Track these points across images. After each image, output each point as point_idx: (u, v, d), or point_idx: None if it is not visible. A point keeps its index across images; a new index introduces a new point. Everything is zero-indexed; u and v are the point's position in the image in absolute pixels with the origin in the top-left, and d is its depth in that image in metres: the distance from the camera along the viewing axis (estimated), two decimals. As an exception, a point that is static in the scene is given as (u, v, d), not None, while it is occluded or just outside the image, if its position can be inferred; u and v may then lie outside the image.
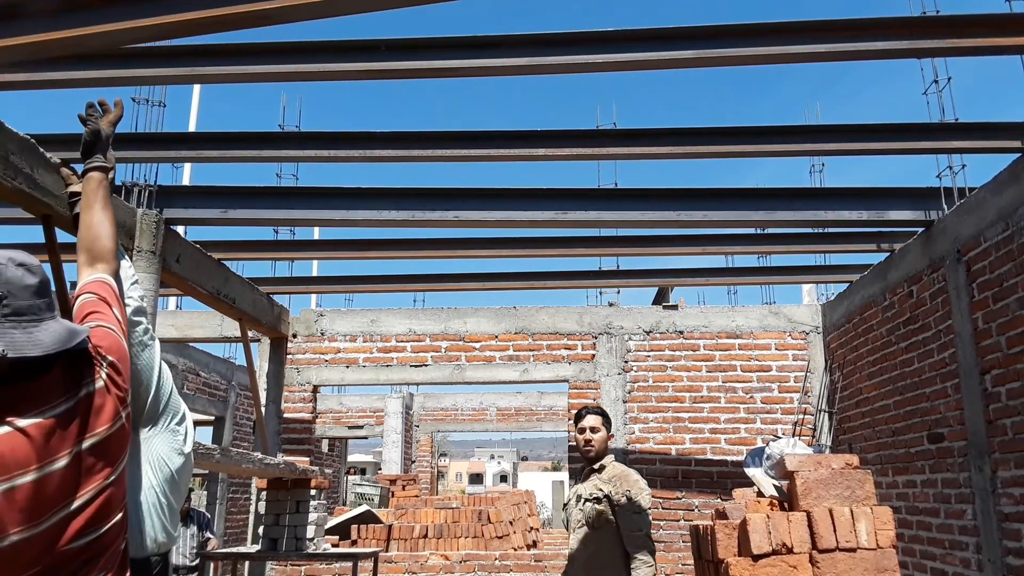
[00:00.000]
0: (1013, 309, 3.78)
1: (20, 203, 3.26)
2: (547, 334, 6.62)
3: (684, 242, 5.24)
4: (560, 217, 4.50)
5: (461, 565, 6.87)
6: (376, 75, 3.26)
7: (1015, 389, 3.76)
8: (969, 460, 4.16)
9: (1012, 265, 3.80)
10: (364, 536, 7.43)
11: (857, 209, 4.51)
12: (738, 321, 6.53)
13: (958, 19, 3.06)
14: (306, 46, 3.18)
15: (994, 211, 3.95)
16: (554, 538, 10.92)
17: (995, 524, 3.91)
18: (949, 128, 4.00)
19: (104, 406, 1.47)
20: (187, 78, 3.32)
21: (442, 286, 6.35)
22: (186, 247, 4.62)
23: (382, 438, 14.75)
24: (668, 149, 3.86)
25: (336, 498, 15.41)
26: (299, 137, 4.08)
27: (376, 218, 4.51)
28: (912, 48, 3.11)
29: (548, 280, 6.17)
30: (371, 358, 6.64)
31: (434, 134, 3.88)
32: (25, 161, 3.13)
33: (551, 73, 3.23)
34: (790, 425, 6.30)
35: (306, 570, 6.67)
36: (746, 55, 3.11)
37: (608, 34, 3.13)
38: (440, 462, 21.17)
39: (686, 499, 6.24)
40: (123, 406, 1.53)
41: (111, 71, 3.24)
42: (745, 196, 4.57)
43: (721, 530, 3.41)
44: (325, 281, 6.75)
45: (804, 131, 3.90)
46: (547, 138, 3.82)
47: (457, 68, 3.17)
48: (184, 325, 6.92)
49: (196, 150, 3.98)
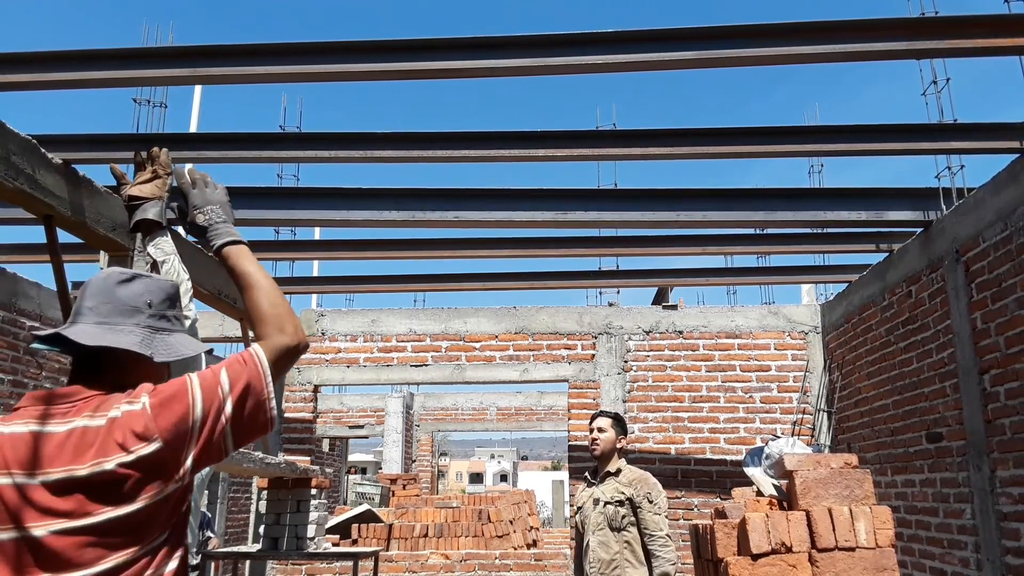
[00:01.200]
0: (1012, 309, 3.79)
1: (22, 203, 3.26)
2: (547, 334, 6.62)
3: (684, 242, 5.24)
4: (560, 217, 4.51)
5: (461, 564, 6.89)
6: (378, 76, 3.27)
7: (1014, 389, 3.77)
8: (968, 460, 4.17)
9: (1011, 265, 3.81)
10: (365, 535, 7.44)
11: (856, 209, 4.52)
12: (737, 321, 6.54)
13: (957, 20, 3.06)
14: (308, 47, 3.19)
15: (993, 211, 3.96)
16: (554, 537, 10.93)
17: (994, 523, 3.92)
18: (948, 129, 4.00)
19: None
20: (188, 79, 3.33)
21: (442, 286, 6.35)
22: (186, 247, 4.62)
23: (382, 438, 14.76)
24: (668, 150, 3.86)
25: (337, 497, 15.41)
26: (300, 138, 4.09)
27: (376, 218, 4.52)
28: (911, 49, 3.11)
29: (548, 280, 6.18)
30: (372, 358, 6.65)
31: (434, 134, 3.88)
32: (26, 161, 3.14)
33: (553, 74, 3.24)
34: (789, 425, 6.31)
35: (307, 569, 6.68)
36: (746, 56, 3.12)
37: (609, 35, 3.14)
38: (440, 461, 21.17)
39: (685, 498, 6.25)
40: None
41: (112, 72, 3.25)
42: (744, 196, 4.58)
43: (720, 529, 3.42)
44: (326, 281, 6.76)
45: (803, 132, 3.91)
46: (547, 138, 3.83)
47: (459, 69, 3.18)
48: (185, 325, 6.92)
49: (197, 151, 3.99)
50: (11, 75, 3.24)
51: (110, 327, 1.45)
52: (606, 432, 3.80)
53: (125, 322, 1.47)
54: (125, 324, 1.47)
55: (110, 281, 1.51)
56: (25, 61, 3.25)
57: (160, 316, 1.53)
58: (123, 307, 1.48)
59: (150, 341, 1.48)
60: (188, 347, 1.54)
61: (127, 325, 1.47)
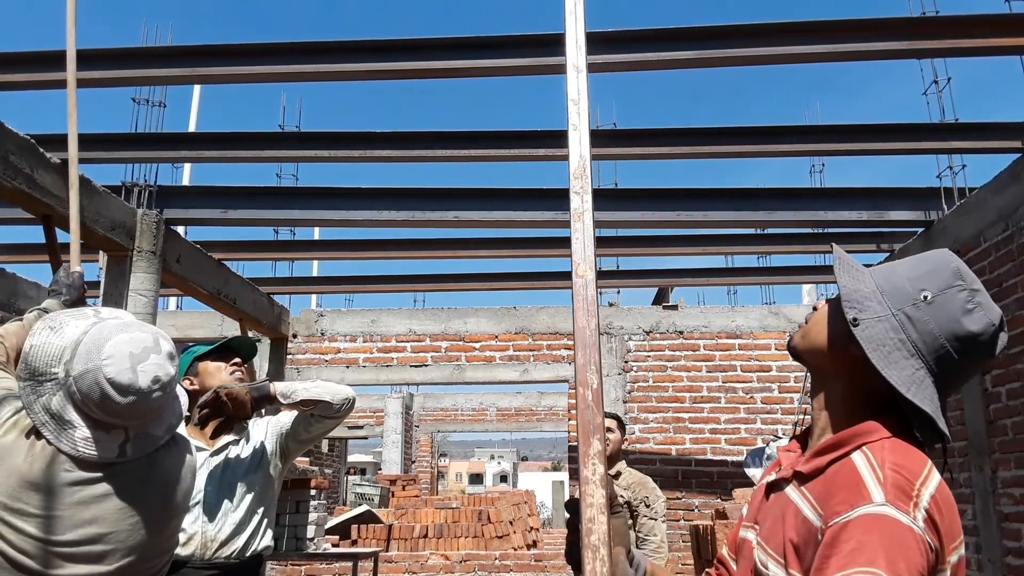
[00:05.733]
0: (1013, 309, 3.78)
1: (20, 203, 3.26)
2: (547, 334, 6.62)
3: (684, 242, 5.24)
4: (560, 217, 4.50)
5: (461, 565, 6.88)
6: (377, 75, 3.26)
7: (1015, 389, 3.77)
8: (969, 460, 4.16)
9: (1012, 265, 3.80)
10: (364, 536, 7.44)
11: (857, 209, 4.51)
12: (738, 321, 6.54)
13: (958, 19, 3.06)
14: (306, 46, 3.18)
15: (994, 211, 3.95)
16: (554, 538, 10.92)
17: (995, 524, 3.91)
18: (949, 128, 4.00)
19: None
20: (187, 78, 3.33)
21: (442, 286, 6.35)
22: (186, 247, 4.62)
23: (382, 438, 14.76)
24: (668, 149, 3.86)
25: (336, 498, 15.40)
26: (299, 137, 4.08)
27: (376, 218, 4.51)
28: (912, 48, 3.11)
29: (548, 280, 6.17)
30: (371, 358, 6.64)
31: (434, 134, 3.88)
32: (25, 161, 3.13)
33: (553, 74, 3.23)
34: (790, 425, 6.30)
35: (306, 570, 6.67)
36: (746, 55, 3.11)
37: (609, 35, 3.14)
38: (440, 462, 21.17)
39: (686, 499, 6.24)
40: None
41: (111, 71, 3.25)
42: (745, 196, 4.57)
43: (721, 530, 3.41)
44: (325, 281, 6.76)
45: (804, 131, 3.90)
46: (547, 138, 3.83)
47: (457, 69, 3.17)
48: (184, 325, 6.92)
49: (196, 150, 3.98)
50: (10, 75, 3.24)
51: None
52: (614, 433, 3.76)
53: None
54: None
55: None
56: (24, 61, 3.25)
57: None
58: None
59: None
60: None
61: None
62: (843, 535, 0.86)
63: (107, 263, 3.98)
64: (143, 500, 1.55)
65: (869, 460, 0.94)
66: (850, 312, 1.02)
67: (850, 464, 0.95)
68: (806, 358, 1.13)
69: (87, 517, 1.47)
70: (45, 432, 1.46)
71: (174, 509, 1.65)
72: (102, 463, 1.49)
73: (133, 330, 1.53)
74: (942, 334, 0.99)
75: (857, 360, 1.01)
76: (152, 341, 1.52)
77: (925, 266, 1.05)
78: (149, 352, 1.50)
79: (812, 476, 1.01)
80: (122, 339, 1.49)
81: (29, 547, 1.43)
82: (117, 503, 1.50)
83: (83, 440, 1.47)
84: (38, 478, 1.44)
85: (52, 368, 1.48)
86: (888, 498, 0.87)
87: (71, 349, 1.48)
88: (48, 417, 1.47)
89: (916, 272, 1.04)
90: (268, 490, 2.44)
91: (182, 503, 1.68)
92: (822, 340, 1.09)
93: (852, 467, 0.94)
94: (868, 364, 0.98)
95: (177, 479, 1.64)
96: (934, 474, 0.93)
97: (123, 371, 1.46)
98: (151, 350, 1.51)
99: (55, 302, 2.09)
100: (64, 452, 1.46)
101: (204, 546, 2.27)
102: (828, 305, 1.11)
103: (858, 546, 0.84)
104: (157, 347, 1.52)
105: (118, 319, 1.58)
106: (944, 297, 1.00)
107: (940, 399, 0.99)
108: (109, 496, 1.49)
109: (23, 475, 1.43)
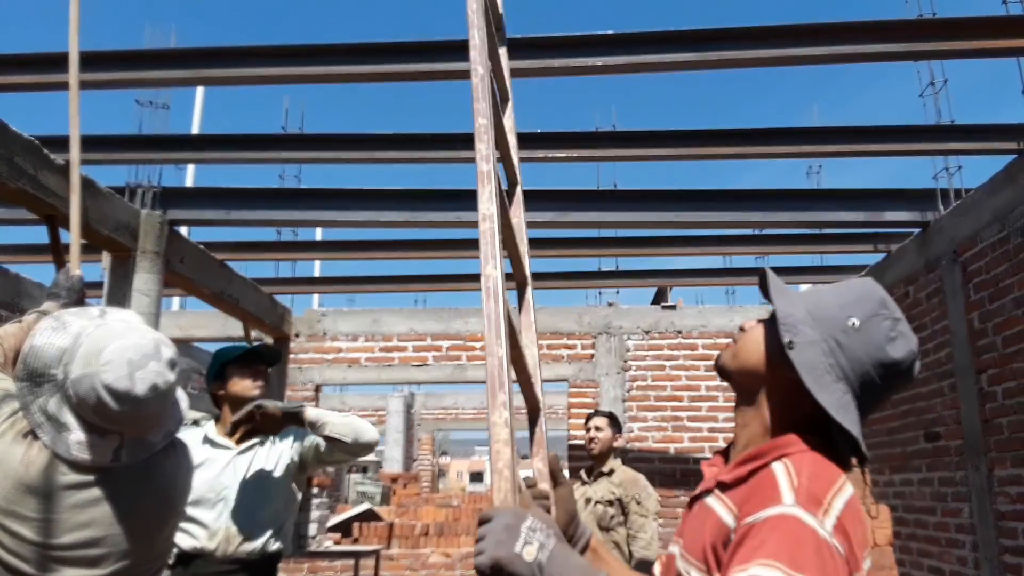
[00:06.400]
0: (1009, 309, 3.81)
1: (25, 204, 3.29)
2: (547, 334, 6.64)
3: (683, 243, 5.26)
4: (560, 218, 4.53)
5: (462, 563, 6.91)
6: (379, 78, 3.29)
7: (1011, 388, 3.79)
8: (966, 459, 4.19)
9: (1008, 266, 3.82)
10: (366, 534, 7.47)
11: (854, 210, 4.54)
12: (736, 321, 6.56)
13: (954, 22, 3.08)
14: (310, 49, 3.21)
15: (990, 212, 3.98)
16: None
17: (991, 522, 3.94)
18: (945, 130, 4.02)
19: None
20: (190, 81, 3.36)
21: (443, 286, 6.38)
22: (190, 248, 4.65)
23: (383, 437, 14.79)
24: (667, 151, 3.89)
25: (338, 496, 15.43)
26: (302, 139, 4.11)
27: (377, 219, 4.54)
28: (909, 51, 3.14)
29: (548, 280, 6.20)
30: (373, 358, 6.67)
31: (435, 136, 3.90)
32: (29, 163, 3.16)
33: (554, 76, 3.26)
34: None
35: (308, 568, 6.70)
36: (745, 58, 3.14)
37: (609, 37, 3.17)
38: (441, 460, 21.20)
39: (684, 497, 6.26)
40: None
41: (115, 74, 3.28)
42: (743, 197, 4.60)
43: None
44: (327, 282, 6.79)
45: (802, 133, 3.93)
46: (547, 140, 3.85)
47: (460, 71, 3.20)
48: (188, 325, 6.96)
49: (200, 152, 4.02)
50: (14, 76, 3.27)
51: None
52: (603, 431, 3.82)
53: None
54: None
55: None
56: (28, 63, 3.28)
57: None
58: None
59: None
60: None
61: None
62: (751, 533, 0.89)
63: (111, 263, 4.01)
64: (139, 504, 1.54)
65: (788, 469, 0.96)
66: (786, 335, 1.03)
67: (770, 472, 0.97)
68: (735, 377, 1.14)
69: (82, 520, 1.46)
70: (41, 434, 1.46)
71: (170, 514, 1.64)
72: (97, 467, 1.49)
73: (134, 335, 1.51)
74: (868, 360, 1.02)
75: (788, 381, 1.03)
76: (153, 348, 1.51)
77: (852, 294, 1.08)
78: (149, 359, 1.49)
79: (734, 485, 1.03)
80: (122, 344, 1.48)
81: (24, 551, 1.42)
82: (113, 507, 1.49)
83: (77, 443, 1.46)
84: (34, 482, 1.43)
85: (51, 369, 1.47)
86: (799, 500, 0.89)
87: (71, 351, 1.47)
88: (45, 418, 1.46)
89: (843, 299, 1.07)
90: (289, 493, 2.50)
91: (178, 508, 1.68)
92: (755, 361, 1.10)
93: (771, 474, 0.97)
94: (798, 386, 1.01)
95: (174, 484, 1.64)
96: (848, 486, 0.96)
97: (120, 378, 1.44)
98: (151, 357, 1.49)
99: (54, 304, 2.08)
100: (58, 455, 1.45)
101: (228, 540, 2.32)
102: (761, 327, 1.12)
103: (761, 543, 0.86)
104: (157, 354, 1.51)
105: (122, 322, 1.57)
106: (870, 324, 1.03)
107: (861, 421, 1.02)
108: (104, 500, 1.48)
109: (19, 478, 1.42)
